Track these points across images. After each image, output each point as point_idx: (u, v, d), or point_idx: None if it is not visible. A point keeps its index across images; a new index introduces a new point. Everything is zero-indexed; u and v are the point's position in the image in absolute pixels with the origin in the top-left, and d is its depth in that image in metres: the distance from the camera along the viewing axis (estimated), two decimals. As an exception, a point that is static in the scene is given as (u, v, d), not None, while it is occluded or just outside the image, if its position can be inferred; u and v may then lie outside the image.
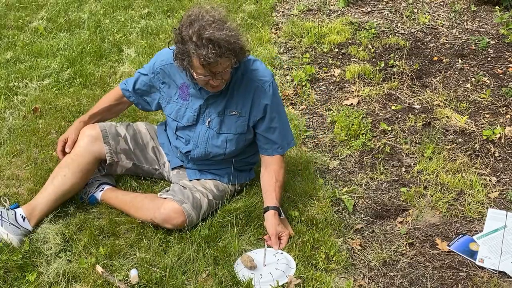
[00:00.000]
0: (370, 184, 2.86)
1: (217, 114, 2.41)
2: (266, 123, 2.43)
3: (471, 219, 2.57)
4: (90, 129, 2.51)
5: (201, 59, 2.09)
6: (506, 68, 3.93)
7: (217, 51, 2.08)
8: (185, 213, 2.32)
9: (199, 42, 2.08)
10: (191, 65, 2.17)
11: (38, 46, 4.38)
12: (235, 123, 2.42)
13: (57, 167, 2.47)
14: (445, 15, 4.96)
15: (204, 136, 2.45)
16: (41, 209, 2.38)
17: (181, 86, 2.44)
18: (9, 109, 3.43)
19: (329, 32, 4.59)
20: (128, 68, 4.05)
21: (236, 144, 2.46)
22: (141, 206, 2.41)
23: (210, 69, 2.14)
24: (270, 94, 2.39)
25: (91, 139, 2.48)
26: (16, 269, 2.13)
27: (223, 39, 2.09)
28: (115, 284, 2.09)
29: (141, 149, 2.62)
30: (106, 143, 2.50)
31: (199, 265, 2.20)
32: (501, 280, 2.20)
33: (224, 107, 2.40)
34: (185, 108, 2.45)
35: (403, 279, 2.25)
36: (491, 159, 2.99)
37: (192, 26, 2.11)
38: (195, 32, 2.09)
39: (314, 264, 2.24)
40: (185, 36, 2.12)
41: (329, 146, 3.20)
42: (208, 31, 2.08)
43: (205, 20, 2.12)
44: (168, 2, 5.49)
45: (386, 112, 3.50)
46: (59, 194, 2.41)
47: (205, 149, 2.46)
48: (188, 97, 2.43)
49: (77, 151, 2.47)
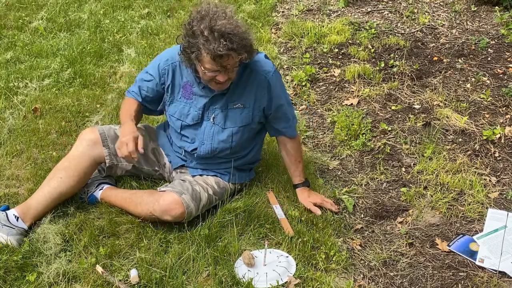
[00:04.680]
0: (370, 184, 2.86)
1: (220, 109, 2.43)
2: (274, 111, 2.48)
3: (471, 219, 2.57)
4: (89, 133, 2.50)
5: (212, 52, 2.11)
6: (506, 68, 3.93)
7: (229, 44, 2.10)
8: (184, 204, 2.32)
9: (210, 36, 2.10)
10: (200, 59, 2.18)
11: (38, 46, 4.38)
12: (239, 115, 2.44)
13: (54, 169, 2.47)
14: (445, 15, 4.96)
15: (209, 133, 2.46)
16: (36, 209, 2.37)
17: (184, 85, 2.44)
18: (9, 109, 3.43)
19: (329, 32, 4.59)
20: (128, 68, 4.05)
21: (241, 136, 2.48)
22: (141, 201, 2.41)
23: (221, 63, 2.16)
24: (273, 83, 2.42)
25: (90, 143, 2.47)
26: (16, 269, 2.13)
27: (235, 33, 2.12)
28: (115, 284, 2.09)
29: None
30: (105, 146, 2.49)
31: (199, 265, 2.20)
32: (501, 280, 2.20)
33: (227, 101, 2.41)
34: (189, 107, 2.45)
35: (403, 279, 2.25)
36: (491, 159, 2.99)
37: (203, 20, 2.13)
38: (206, 26, 2.11)
39: (314, 264, 2.25)
40: (196, 30, 2.13)
41: (329, 146, 3.20)
42: (219, 25, 2.10)
43: (216, 15, 2.14)
44: (168, 2, 5.49)
45: (386, 112, 3.50)
46: (55, 196, 2.41)
47: (211, 145, 2.47)
48: (192, 96, 2.44)
49: (75, 154, 2.46)
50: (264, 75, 2.40)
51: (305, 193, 2.60)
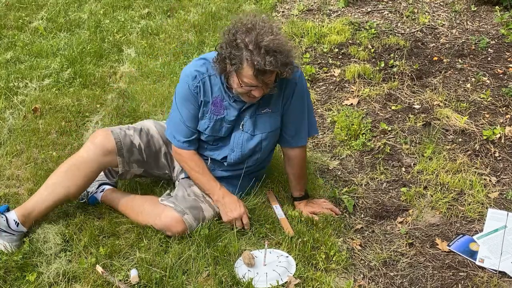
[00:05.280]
0: (370, 184, 2.86)
1: (249, 116, 2.37)
2: (290, 108, 2.40)
3: (471, 219, 2.57)
4: (104, 139, 2.38)
5: (256, 68, 2.05)
6: (506, 68, 3.93)
7: (273, 61, 2.04)
8: (186, 223, 2.31)
9: (255, 51, 2.05)
10: (240, 72, 2.12)
11: (38, 46, 4.38)
12: (268, 120, 2.39)
13: (59, 171, 2.37)
14: (445, 15, 4.96)
15: (239, 140, 2.41)
16: (38, 213, 2.32)
17: (214, 101, 2.34)
18: (9, 109, 3.43)
19: (329, 32, 4.58)
20: (128, 68, 4.05)
21: (269, 141, 2.45)
22: (142, 210, 2.40)
23: (263, 79, 2.11)
24: (300, 83, 2.36)
25: (103, 150, 2.37)
26: (16, 269, 2.13)
27: (281, 51, 2.06)
28: (115, 284, 2.09)
29: (154, 157, 2.54)
30: (121, 155, 2.41)
31: (199, 265, 2.20)
32: (501, 280, 2.20)
33: (256, 107, 2.36)
34: (221, 122, 2.36)
35: (403, 279, 2.25)
36: (491, 159, 2.99)
37: (249, 33, 2.07)
38: (252, 40, 2.05)
39: (314, 264, 2.25)
40: (240, 43, 2.07)
41: (329, 146, 3.20)
42: (267, 41, 2.04)
43: (263, 30, 2.07)
44: (168, 2, 5.49)
45: (386, 112, 3.50)
46: (57, 200, 2.35)
47: (241, 152, 2.43)
48: (223, 111, 2.35)
49: (86, 158, 2.36)
50: (295, 81, 2.35)
51: (302, 204, 2.60)
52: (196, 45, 4.45)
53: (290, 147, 2.51)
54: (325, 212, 2.54)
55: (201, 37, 4.60)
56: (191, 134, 2.39)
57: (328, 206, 2.59)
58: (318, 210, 2.55)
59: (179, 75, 4.00)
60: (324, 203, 2.61)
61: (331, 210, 2.56)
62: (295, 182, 2.59)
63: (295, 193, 2.62)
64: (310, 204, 2.59)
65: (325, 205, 2.59)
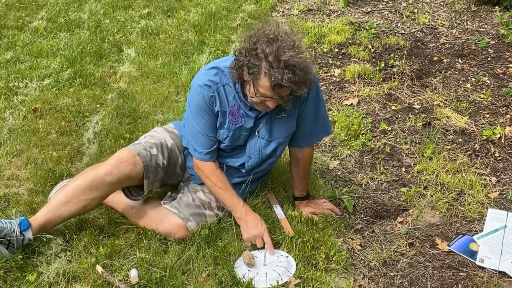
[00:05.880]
0: (370, 184, 2.86)
1: (265, 122, 2.35)
2: (304, 109, 2.37)
3: (471, 219, 2.57)
4: (131, 163, 2.28)
5: (273, 81, 2.01)
6: (506, 68, 3.93)
7: (292, 77, 2.00)
8: (188, 229, 2.32)
9: (275, 63, 2.00)
10: (256, 82, 2.08)
11: (38, 46, 4.38)
12: (285, 124, 2.37)
13: (79, 186, 2.25)
14: (445, 15, 4.96)
15: (255, 147, 2.39)
16: (51, 227, 2.29)
17: (231, 111, 2.29)
18: (9, 109, 3.43)
19: (329, 32, 4.59)
20: (128, 68, 4.05)
21: (284, 146, 2.46)
22: (144, 214, 2.40)
23: (279, 92, 2.08)
24: (314, 90, 2.31)
25: (130, 174, 2.28)
26: (16, 269, 2.13)
27: (301, 68, 2.01)
28: (115, 284, 2.09)
29: (172, 169, 2.49)
30: (147, 178, 2.34)
31: (199, 265, 2.20)
32: (501, 280, 2.20)
33: (271, 113, 2.33)
34: (239, 130, 2.34)
35: (403, 279, 2.25)
36: (491, 159, 2.99)
37: (270, 45, 2.02)
38: (272, 52, 2.01)
39: (314, 264, 2.25)
40: (261, 53, 2.03)
41: (329, 146, 3.20)
42: (287, 56, 1.99)
43: (285, 44, 2.03)
44: (168, 2, 5.49)
45: (386, 112, 3.50)
46: (72, 216, 2.31)
47: (258, 158, 2.42)
48: (241, 119, 2.31)
49: (109, 181, 2.26)
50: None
51: (303, 204, 2.60)
52: (196, 45, 4.45)
53: (299, 147, 2.51)
54: (325, 213, 2.54)
55: (201, 37, 4.60)
56: (212, 144, 2.35)
57: (328, 206, 2.59)
58: (319, 211, 2.55)
59: (179, 75, 4.02)
60: (324, 203, 2.61)
61: (331, 211, 2.56)
62: (298, 182, 2.59)
63: (297, 193, 2.62)
64: (311, 205, 2.59)
65: (326, 206, 2.59)
